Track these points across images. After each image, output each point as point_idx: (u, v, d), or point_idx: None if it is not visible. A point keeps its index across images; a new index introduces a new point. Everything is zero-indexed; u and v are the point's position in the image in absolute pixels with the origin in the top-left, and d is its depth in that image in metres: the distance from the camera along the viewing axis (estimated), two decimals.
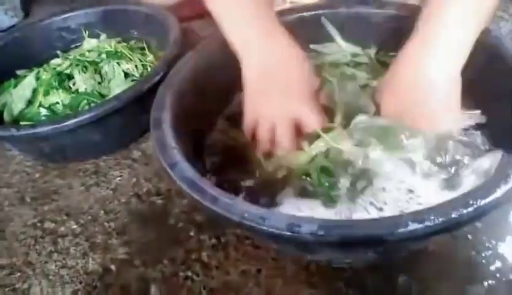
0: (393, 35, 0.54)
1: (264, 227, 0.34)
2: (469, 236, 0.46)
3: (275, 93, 0.50)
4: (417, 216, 0.32)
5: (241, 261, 0.48)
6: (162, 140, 0.44)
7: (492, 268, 0.43)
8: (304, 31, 0.59)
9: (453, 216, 0.32)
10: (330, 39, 0.61)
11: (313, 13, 0.61)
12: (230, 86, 0.56)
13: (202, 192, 0.37)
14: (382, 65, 0.58)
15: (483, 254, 0.44)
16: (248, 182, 0.48)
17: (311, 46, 0.62)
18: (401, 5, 0.58)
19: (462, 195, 0.34)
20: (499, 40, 0.48)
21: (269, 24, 0.51)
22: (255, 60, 0.50)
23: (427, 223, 0.32)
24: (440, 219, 0.32)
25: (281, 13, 0.59)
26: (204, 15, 0.85)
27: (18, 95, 0.67)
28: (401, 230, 0.32)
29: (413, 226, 0.32)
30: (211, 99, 0.56)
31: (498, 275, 0.42)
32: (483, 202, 0.32)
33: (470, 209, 0.32)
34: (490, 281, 0.42)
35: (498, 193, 0.33)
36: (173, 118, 0.47)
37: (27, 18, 1.13)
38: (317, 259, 0.45)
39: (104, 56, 0.71)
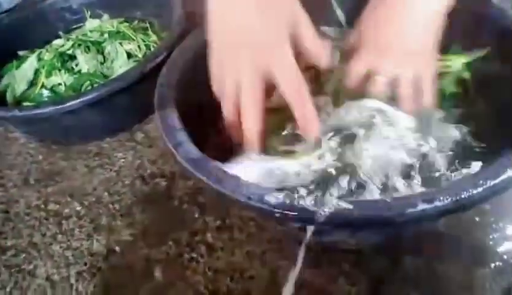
0: None
1: (268, 207, 0.34)
2: (477, 219, 0.45)
3: (244, 41, 0.38)
4: (427, 196, 0.32)
5: (246, 242, 0.47)
6: (167, 120, 0.43)
7: (500, 250, 0.42)
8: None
9: (462, 196, 0.31)
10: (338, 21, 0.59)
11: None
12: None
13: (207, 172, 0.37)
14: None
15: (491, 236, 0.44)
16: None
17: (321, 28, 0.60)
18: None
19: (471, 175, 0.33)
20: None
21: None
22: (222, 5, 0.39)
23: (437, 203, 0.31)
24: (449, 199, 0.31)
25: None
26: None
27: (20, 76, 0.67)
28: (411, 210, 0.31)
29: (422, 206, 0.31)
30: None
31: (505, 257, 0.42)
32: (493, 182, 0.32)
33: (480, 189, 0.32)
34: (497, 263, 0.41)
35: (509, 173, 0.32)
36: (177, 98, 0.46)
37: None
38: (322, 240, 0.45)
39: (106, 36, 0.70)
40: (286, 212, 0.33)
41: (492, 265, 0.42)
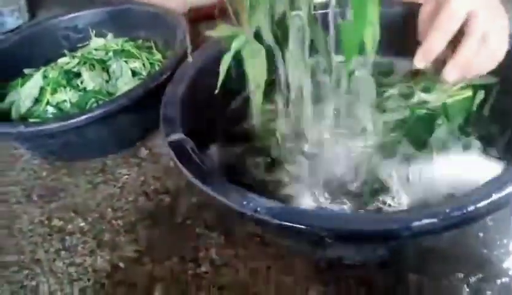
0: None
1: (277, 221, 0.34)
2: (481, 234, 0.45)
3: None
4: (431, 210, 0.32)
5: (250, 258, 0.47)
6: (173, 137, 0.44)
7: (505, 265, 0.43)
8: None
9: (468, 209, 0.32)
10: None
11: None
12: (237, 82, 0.56)
13: (213, 186, 0.37)
14: None
15: (495, 252, 0.44)
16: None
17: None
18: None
19: (477, 188, 0.33)
20: None
21: None
22: None
23: (442, 217, 0.31)
24: (455, 213, 0.31)
25: None
26: (211, 17, 0.86)
27: (26, 93, 0.67)
28: (416, 223, 0.31)
29: (428, 220, 0.32)
30: (219, 95, 0.55)
31: (511, 273, 0.42)
32: (498, 195, 0.32)
33: (485, 202, 0.32)
34: (503, 279, 0.41)
35: None
36: (182, 115, 0.47)
37: (32, 19, 1.13)
38: (327, 256, 0.45)
39: (111, 54, 0.71)
40: (291, 224, 0.34)
41: (498, 281, 0.42)
